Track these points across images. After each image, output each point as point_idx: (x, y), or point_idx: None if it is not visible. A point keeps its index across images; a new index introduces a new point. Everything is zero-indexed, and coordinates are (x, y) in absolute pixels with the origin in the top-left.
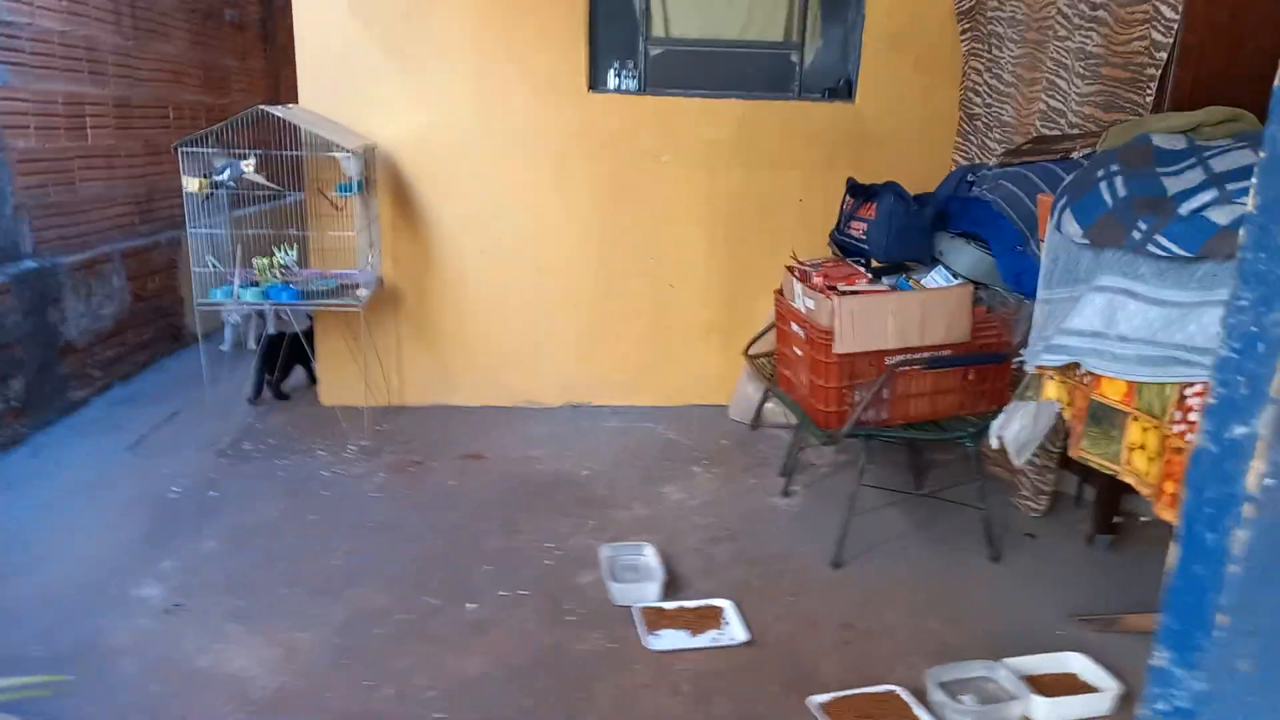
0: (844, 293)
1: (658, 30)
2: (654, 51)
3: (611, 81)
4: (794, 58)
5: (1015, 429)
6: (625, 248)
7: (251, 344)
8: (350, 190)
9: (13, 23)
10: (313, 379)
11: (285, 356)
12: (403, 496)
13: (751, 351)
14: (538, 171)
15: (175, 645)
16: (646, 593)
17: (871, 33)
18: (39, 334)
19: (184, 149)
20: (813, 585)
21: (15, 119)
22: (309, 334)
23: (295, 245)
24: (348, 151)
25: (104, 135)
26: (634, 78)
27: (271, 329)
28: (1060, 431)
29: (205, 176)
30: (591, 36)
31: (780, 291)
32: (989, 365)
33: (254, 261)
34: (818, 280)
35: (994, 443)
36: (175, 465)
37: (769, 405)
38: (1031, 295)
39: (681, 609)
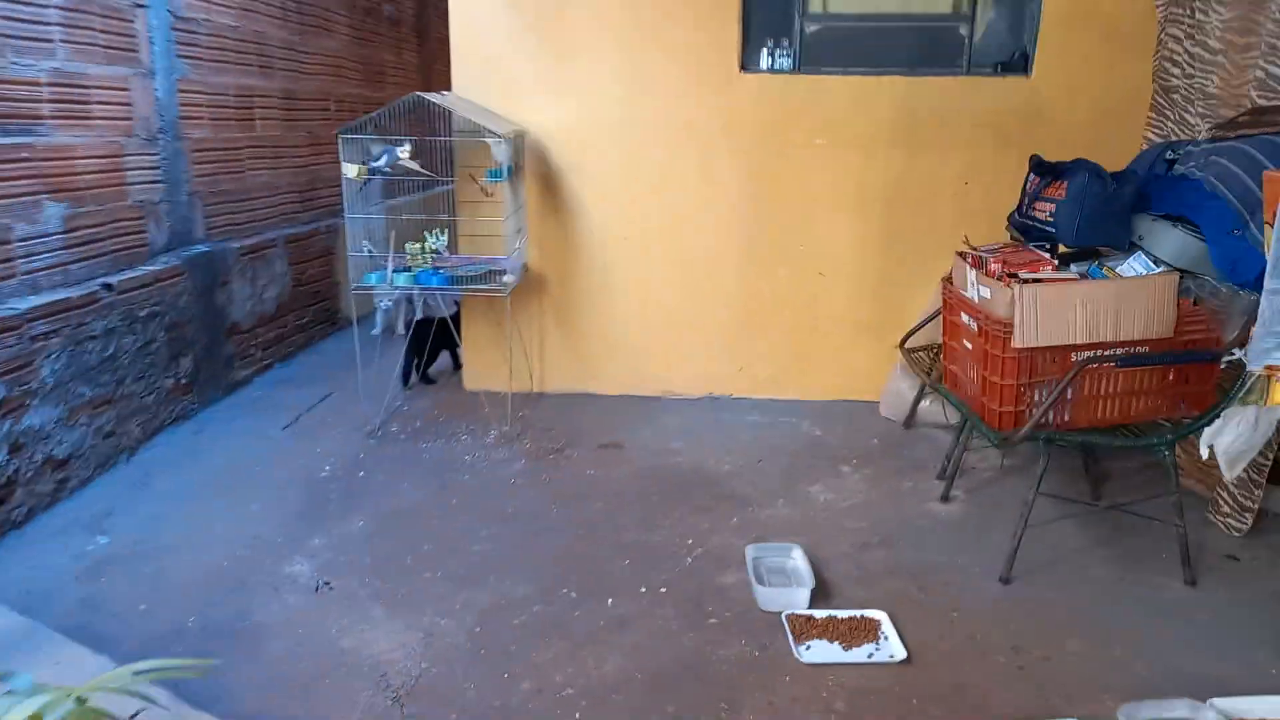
0: (1026, 280)
1: (815, 6)
2: (810, 28)
3: (764, 61)
4: (963, 30)
5: (1230, 438)
6: (773, 235)
7: (401, 329)
8: (500, 176)
9: (191, 19)
10: (457, 364)
11: (433, 341)
12: (542, 484)
13: (908, 345)
14: (685, 156)
15: (322, 625)
16: (795, 599)
17: (1052, 1)
18: (208, 314)
19: (344, 135)
20: (978, 602)
21: (192, 110)
22: (455, 319)
23: (445, 231)
24: (498, 136)
25: (271, 126)
26: (788, 56)
27: (420, 314)
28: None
29: (363, 163)
30: (745, 15)
31: (949, 279)
32: (1194, 365)
33: (406, 246)
34: (995, 267)
35: (1204, 452)
36: (327, 445)
37: (925, 403)
38: (1248, 285)
39: (833, 619)
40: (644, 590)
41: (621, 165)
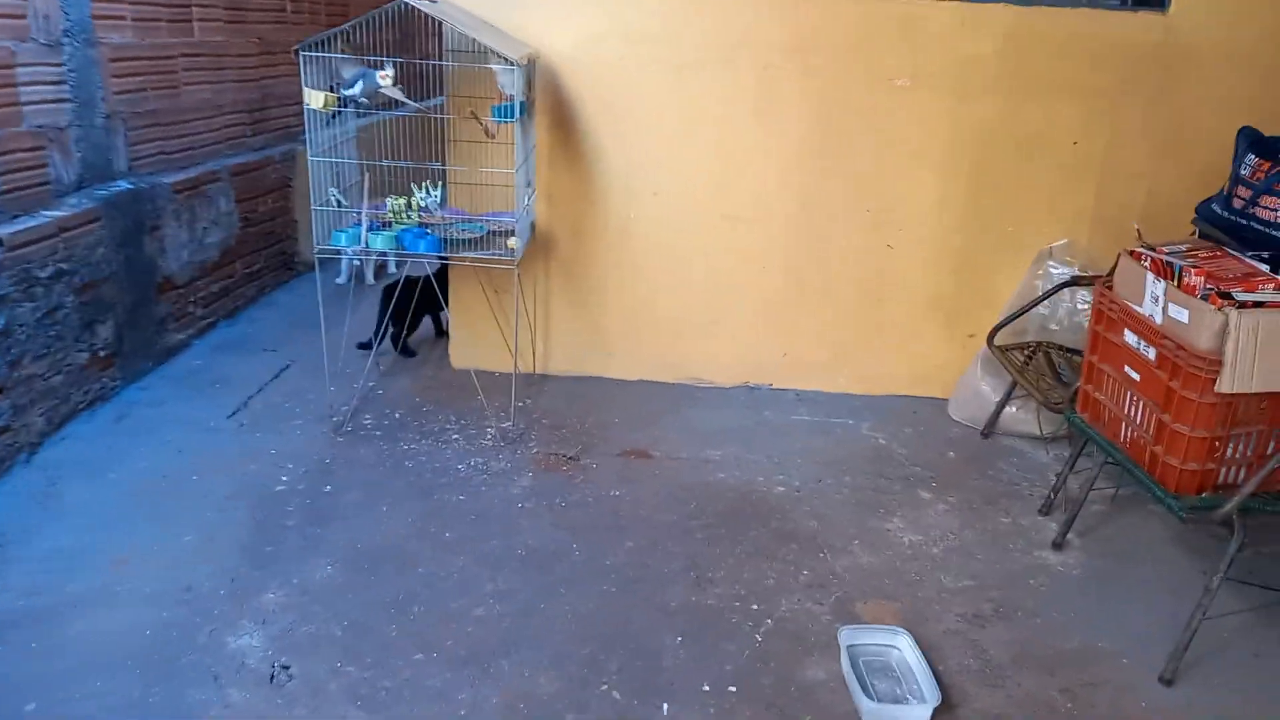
0: (1245, 303)
1: None
2: None
3: None
4: None
5: None
6: (836, 195)
7: (370, 279)
8: (510, 115)
9: None
10: (440, 332)
11: (415, 305)
12: (557, 509)
13: (1000, 341)
14: (736, 93)
15: None
16: (914, 718)
17: None
18: (134, 269)
19: (306, 53)
20: (1143, 714)
21: (108, 7)
22: (441, 276)
23: (440, 182)
24: (510, 63)
25: (211, 29)
26: None
27: (401, 272)
28: None
29: (331, 89)
30: None
31: (1109, 283)
32: None
33: (388, 201)
34: (1196, 280)
35: None
36: (283, 443)
37: (1011, 409)
38: None
39: None
40: (707, 688)
41: (656, 99)
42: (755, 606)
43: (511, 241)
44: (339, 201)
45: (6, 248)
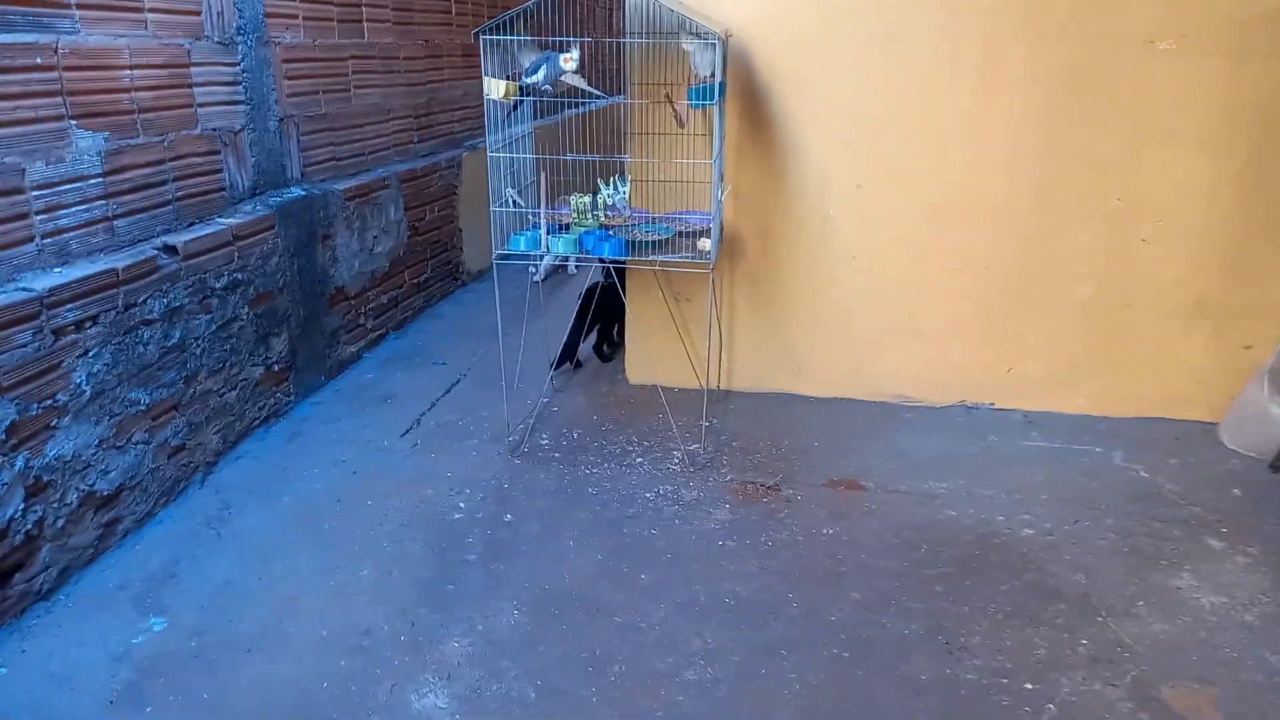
0: None
1: None
2: None
3: None
4: None
5: None
6: (1076, 182)
7: (540, 275)
8: (708, 99)
9: None
10: (615, 340)
11: (597, 310)
12: (763, 550)
13: None
14: (953, 67)
15: None
16: None
17: None
18: (307, 279)
19: (486, 36)
20: None
21: (281, 5)
22: (621, 275)
23: (628, 180)
24: (711, 38)
25: (381, 31)
26: None
27: (601, 277)
28: None
29: (510, 77)
30: None
31: None
32: None
33: (573, 199)
34: None
35: None
36: (458, 466)
37: None
38: None
39: None
40: None
41: (859, 78)
42: (1028, 685)
43: (703, 243)
44: (515, 202)
45: (182, 256)
